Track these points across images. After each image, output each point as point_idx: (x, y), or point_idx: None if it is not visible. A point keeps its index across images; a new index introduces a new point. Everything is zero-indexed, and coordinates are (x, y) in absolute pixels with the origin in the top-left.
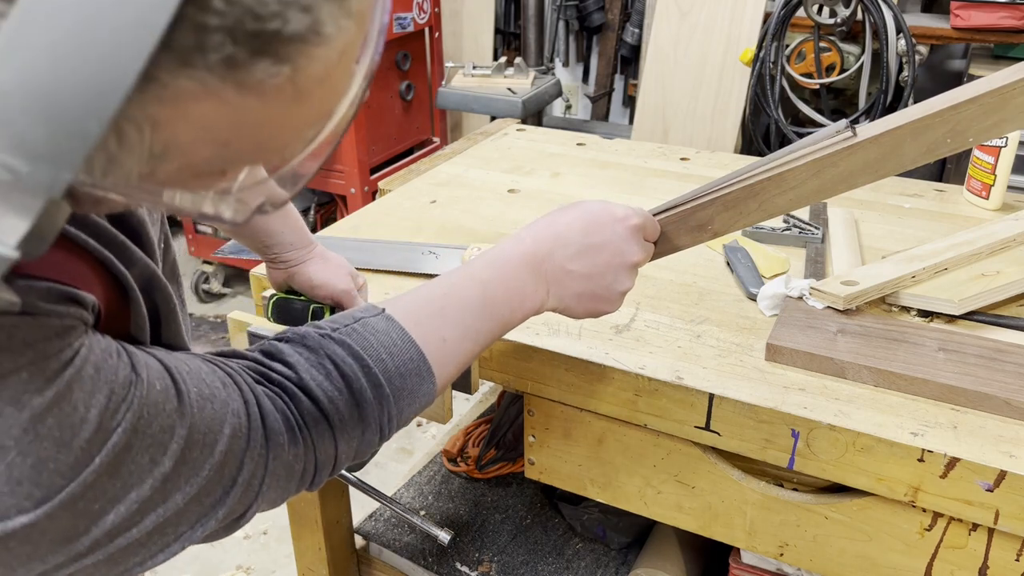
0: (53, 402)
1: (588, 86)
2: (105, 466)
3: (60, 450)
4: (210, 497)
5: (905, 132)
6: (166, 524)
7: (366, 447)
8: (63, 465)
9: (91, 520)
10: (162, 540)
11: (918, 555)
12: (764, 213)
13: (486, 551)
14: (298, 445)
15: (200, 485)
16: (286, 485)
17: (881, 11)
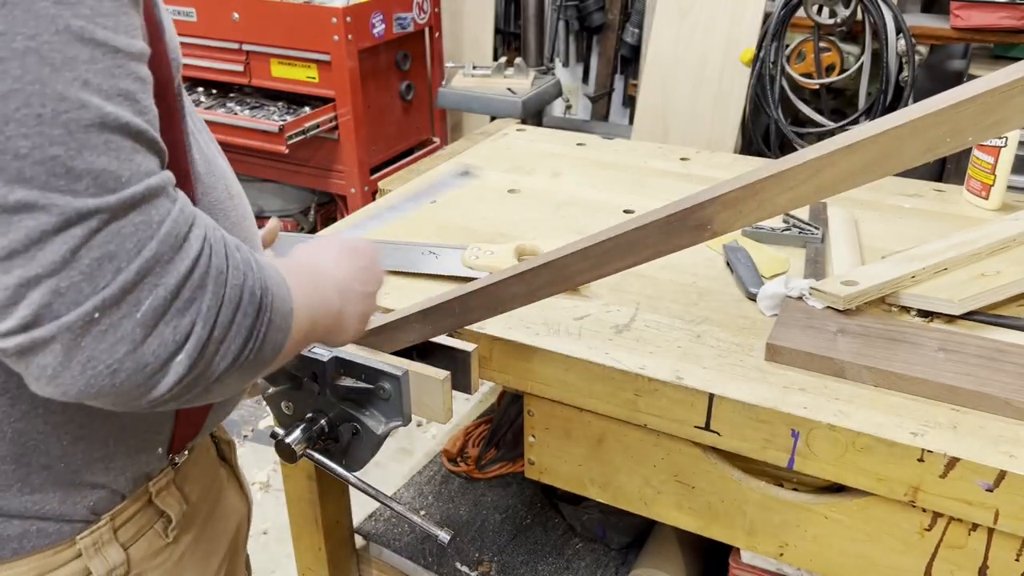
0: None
1: (588, 86)
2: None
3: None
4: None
5: (905, 131)
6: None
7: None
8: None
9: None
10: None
11: (918, 555)
12: (764, 212)
13: (486, 551)
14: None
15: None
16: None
17: (881, 11)
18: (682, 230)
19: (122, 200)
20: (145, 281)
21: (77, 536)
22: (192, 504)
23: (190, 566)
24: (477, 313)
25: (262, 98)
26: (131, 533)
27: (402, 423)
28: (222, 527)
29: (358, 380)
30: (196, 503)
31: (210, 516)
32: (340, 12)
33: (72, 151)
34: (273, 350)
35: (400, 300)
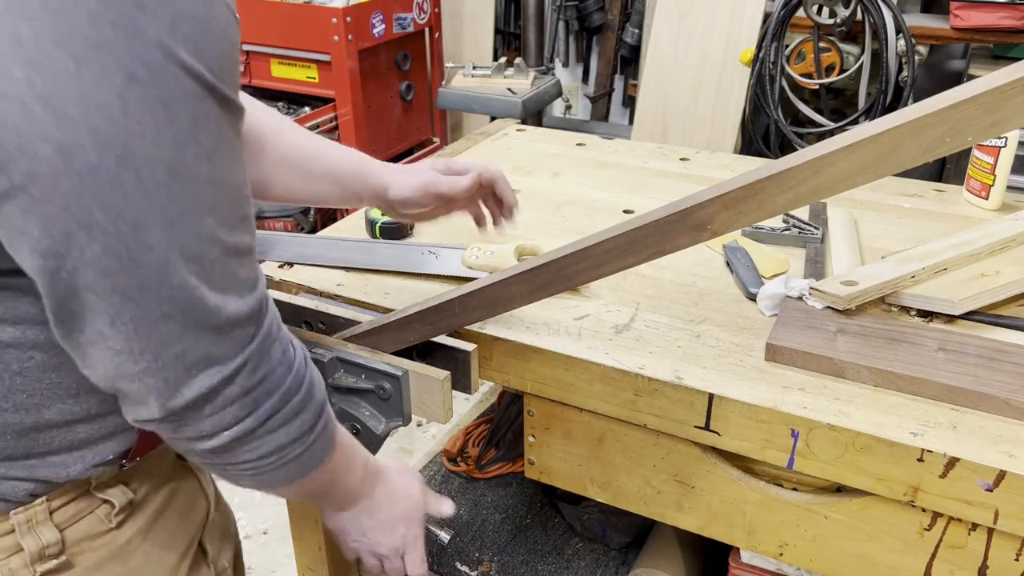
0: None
1: (588, 86)
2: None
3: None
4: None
5: (904, 131)
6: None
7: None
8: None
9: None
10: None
11: (917, 555)
12: (764, 212)
13: (486, 551)
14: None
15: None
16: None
17: (881, 11)
18: (681, 230)
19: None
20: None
21: (11, 512)
22: (139, 495)
23: (139, 554)
24: (477, 313)
25: (262, 98)
26: (68, 515)
27: (402, 423)
28: (180, 523)
29: (358, 380)
30: (145, 495)
31: (164, 510)
32: (340, 12)
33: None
34: (306, 466)
35: (400, 300)
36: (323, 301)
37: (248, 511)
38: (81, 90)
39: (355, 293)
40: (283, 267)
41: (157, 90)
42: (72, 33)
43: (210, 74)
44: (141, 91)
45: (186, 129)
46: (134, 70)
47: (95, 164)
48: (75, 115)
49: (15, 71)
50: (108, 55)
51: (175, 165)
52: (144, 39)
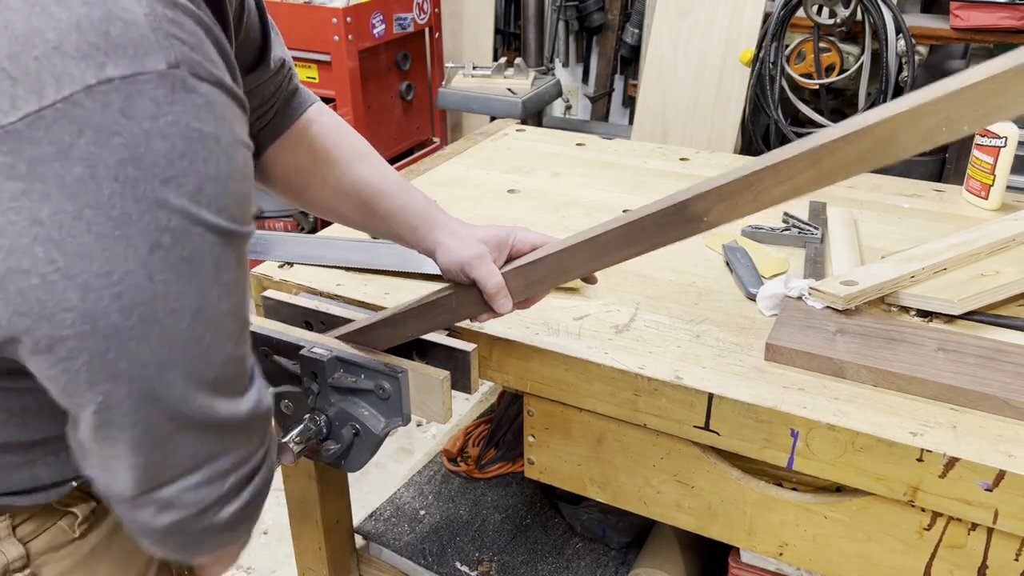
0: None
1: (588, 86)
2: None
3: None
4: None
5: (900, 120)
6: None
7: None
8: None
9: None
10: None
11: (917, 555)
12: (760, 204)
13: (486, 551)
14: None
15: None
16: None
17: (880, 11)
18: (677, 223)
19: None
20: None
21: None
22: (103, 503)
23: (105, 561)
24: (474, 308)
25: None
26: (31, 529)
27: (402, 423)
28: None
29: (358, 380)
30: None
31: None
32: (340, 12)
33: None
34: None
35: (400, 300)
36: (323, 301)
37: None
38: (104, 263)
39: (355, 293)
40: (283, 267)
41: (181, 251)
42: (93, 212)
43: (232, 222)
44: (165, 255)
45: (210, 276)
46: (159, 239)
47: (120, 325)
48: (98, 285)
49: (36, 250)
50: (132, 229)
51: (199, 310)
52: (168, 209)
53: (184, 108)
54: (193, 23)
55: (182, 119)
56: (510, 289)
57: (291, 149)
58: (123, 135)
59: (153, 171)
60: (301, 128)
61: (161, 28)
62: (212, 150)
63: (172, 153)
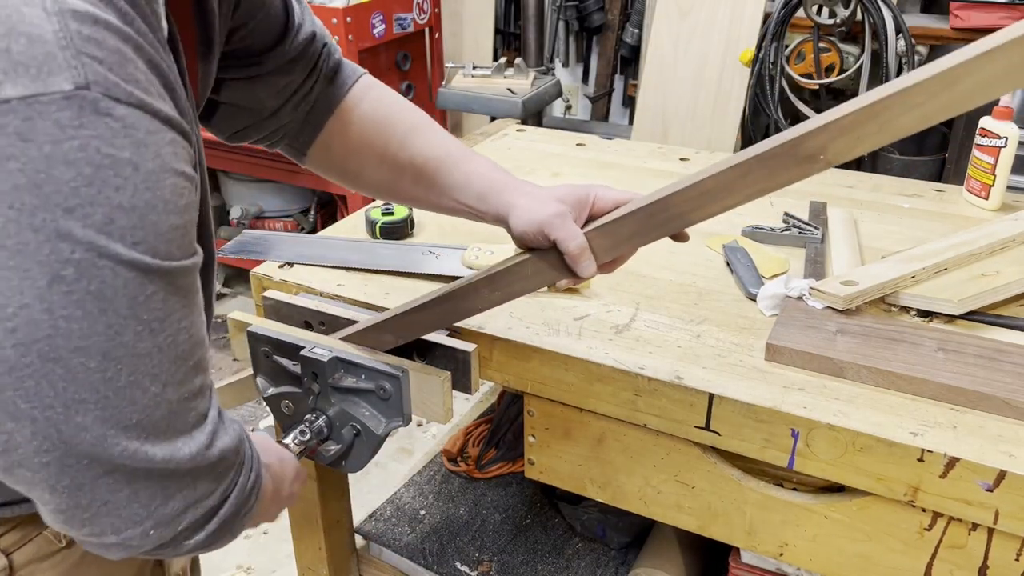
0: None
1: (588, 86)
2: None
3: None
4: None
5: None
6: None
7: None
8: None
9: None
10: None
11: (917, 555)
12: (886, 135)
13: (486, 551)
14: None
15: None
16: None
17: (880, 11)
18: (789, 163)
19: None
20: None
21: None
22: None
23: (93, 570)
24: (551, 275)
25: None
26: (15, 539)
27: (402, 423)
28: None
29: (358, 380)
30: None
31: None
32: (340, 12)
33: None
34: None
35: (400, 300)
36: (323, 301)
37: None
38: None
39: (355, 293)
40: (283, 267)
41: (88, 285)
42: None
43: (153, 257)
44: (68, 289)
45: (124, 313)
46: (59, 271)
47: (16, 362)
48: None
49: None
50: (29, 260)
51: (110, 350)
52: (72, 241)
53: (94, 132)
54: (117, 40)
55: (91, 144)
56: (594, 250)
57: (341, 131)
58: (19, 160)
59: (54, 199)
60: (349, 107)
61: (72, 46)
62: (128, 178)
63: (77, 180)
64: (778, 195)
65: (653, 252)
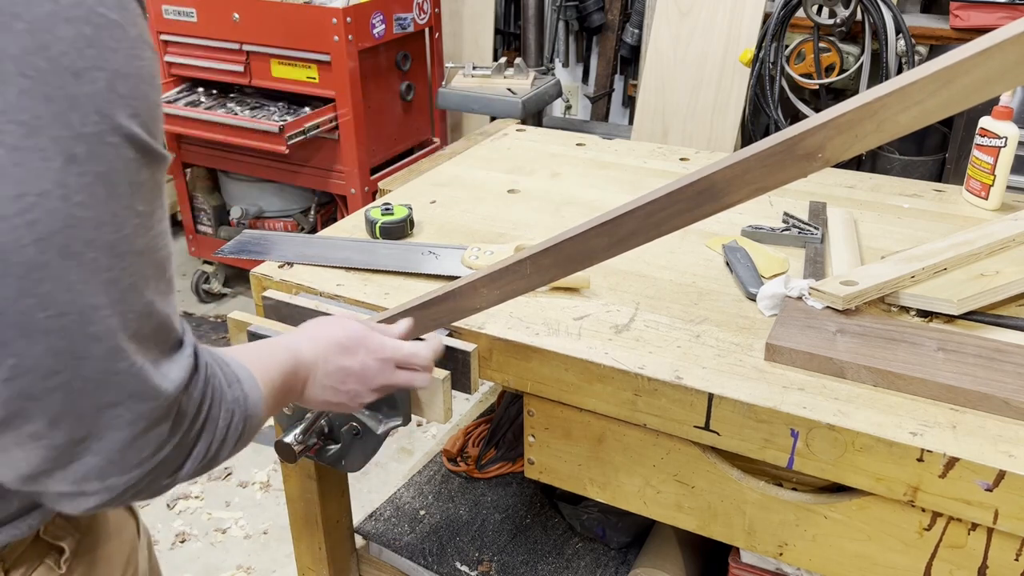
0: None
1: (588, 86)
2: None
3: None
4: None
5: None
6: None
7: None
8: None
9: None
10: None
11: (917, 555)
12: (884, 134)
13: (486, 551)
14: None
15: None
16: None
17: (880, 11)
18: (788, 161)
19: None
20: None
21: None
22: (83, 532)
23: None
24: (552, 272)
25: (262, 98)
26: (21, 571)
27: (402, 423)
28: (116, 546)
29: None
30: (86, 529)
31: (99, 544)
32: (340, 12)
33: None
34: (230, 453)
35: (400, 300)
36: (323, 301)
37: (248, 511)
38: (17, 183)
39: (355, 293)
40: (283, 267)
41: (97, 166)
42: (3, 119)
43: (145, 133)
44: (79, 170)
45: (125, 202)
46: (73, 149)
47: (35, 262)
48: (11, 212)
49: None
50: (44, 136)
51: (116, 243)
52: (82, 110)
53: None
54: None
55: (85, 2)
56: (594, 247)
57: None
58: (24, 18)
59: (62, 61)
60: None
61: None
62: (120, 41)
63: (79, 41)
64: (778, 195)
65: (653, 252)
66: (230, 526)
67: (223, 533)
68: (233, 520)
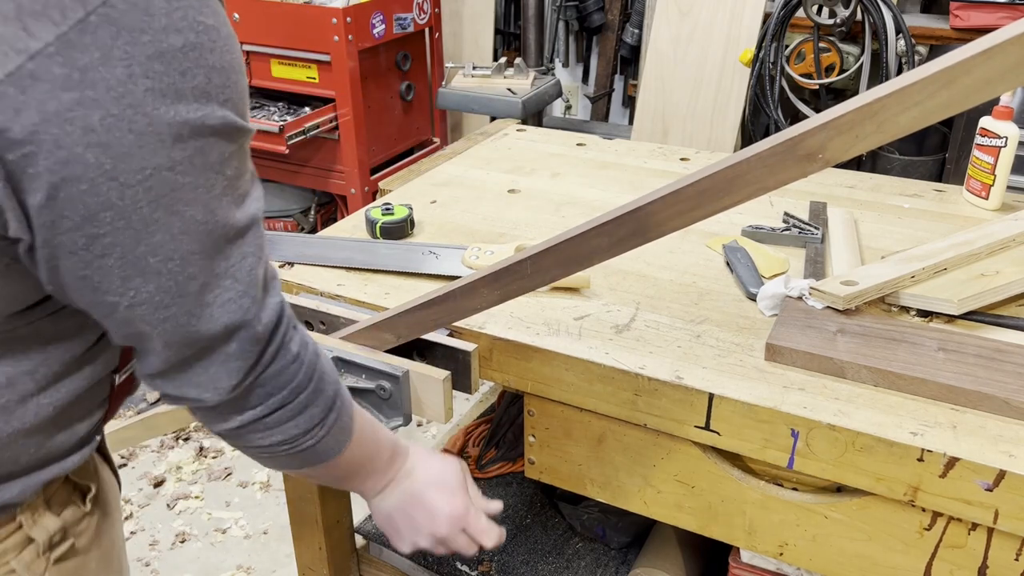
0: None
1: (588, 86)
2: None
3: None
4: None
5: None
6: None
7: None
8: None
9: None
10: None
11: (917, 555)
12: (884, 135)
13: (486, 551)
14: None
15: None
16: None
17: (880, 11)
18: (788, 162)
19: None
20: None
21: (17, 512)
22: (98, 481)
23: (105, 535)
24: (552, 272)
25: (262, 98)
26: (59, 502)
27: (402, 423)
28: (114, 495)
29: (358, 380)
30: (101, 480)
31: (105, 493)
32: (340, 12)
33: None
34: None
35: (400, 300)
36: (323, 301)
37: (248, 511)
38: (141, 160)
39: (355, 293)
40: (284, 267)
41: (196, 143)
42: (133, 111)
43: (235, 114)
44: (184, 147)
45: (217, 168)
46: (180, 131)
47: (149, 218)
48: (134, 181)
49: (88, 157)
50: (162, 123)
51: (209, 202)
52: (187, 101)
53: (188, 4)
54: None
55: (189, 14)
56: (594, 247)
57: None
58: (149, 32)
59: (173, 65)
60: None
61: None
62: (216, 42)
63: (186, 47)
64: (778, 195)
65: (653, 252)
66: (230, 526)
67: (223, 533)
68: (233, 520)
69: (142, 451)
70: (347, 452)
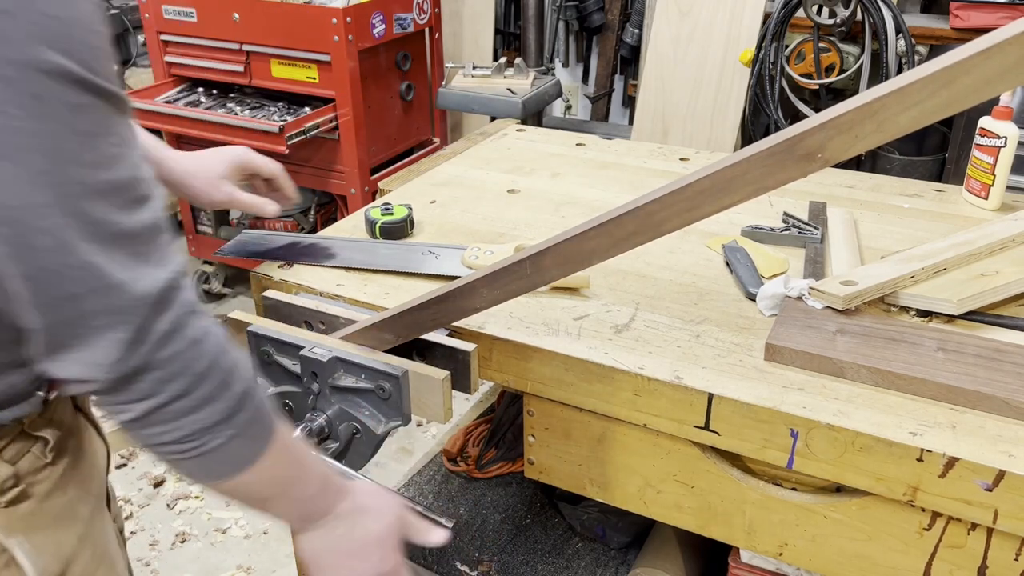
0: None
1: (588, 86)
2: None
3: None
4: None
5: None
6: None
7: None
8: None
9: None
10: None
11: (917, 554)
12: (884, 134)
13: (486, 551)
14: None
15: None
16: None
17: (880, 11)
18: (788, 162)
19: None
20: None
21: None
22: (64, 431)
23: (72, 483)
24: (552, 272)
25: (262, 98)
26: (13, 452)
27: (402, 423)
28: (94, 462)
29: (358, 380)
30: (66, 432)
31: (79, 449)
32: (340, 12)
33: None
34: (228, 461)
35: (400, 300)
36: (323, 301)
37: (248, 511)
38: None
39: (355, 293)
40: (283, 267)
41: (29, 87)
42: None
43: (82, 68)
44: (11, 89)
45: (64, 120)
46: (5, 71)
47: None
48: None
49: None
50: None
51: (54, 151)
52: (12, 43)
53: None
54: None
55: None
56: (594, 248)
57: None
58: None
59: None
60: None
61: None
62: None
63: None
64: (778, 195)
65: (653, 252)
66: (230, 526)
67: (223, 533)
68: (233, 520)
69: (142, 451)
70: (263, 464)
